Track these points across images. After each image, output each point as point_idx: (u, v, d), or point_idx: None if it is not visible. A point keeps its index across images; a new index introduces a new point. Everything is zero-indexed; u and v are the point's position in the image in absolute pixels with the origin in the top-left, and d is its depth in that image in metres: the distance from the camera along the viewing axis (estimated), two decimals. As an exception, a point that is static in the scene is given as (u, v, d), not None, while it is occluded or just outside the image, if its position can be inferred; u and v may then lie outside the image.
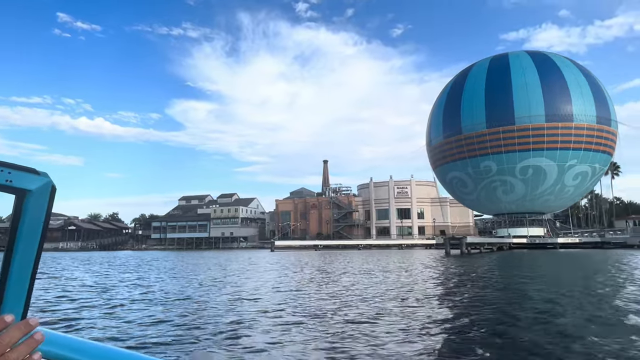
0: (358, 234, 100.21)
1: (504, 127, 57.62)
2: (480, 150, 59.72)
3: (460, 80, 64.52)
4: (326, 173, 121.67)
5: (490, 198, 62.49)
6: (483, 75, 61.05)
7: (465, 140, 60.99)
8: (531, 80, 57.49)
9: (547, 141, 56.20)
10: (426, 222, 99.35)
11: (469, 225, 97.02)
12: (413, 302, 11.10)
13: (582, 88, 57.12)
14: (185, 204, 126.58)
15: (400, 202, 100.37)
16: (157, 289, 14.93)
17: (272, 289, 14.42)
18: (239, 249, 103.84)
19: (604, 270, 21.12)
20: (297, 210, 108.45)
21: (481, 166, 60.36)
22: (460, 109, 61.66)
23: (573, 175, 57.68)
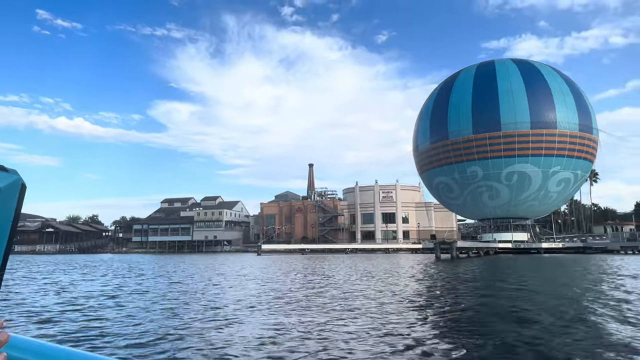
0: (343, 238, 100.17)
1: (490, 133, 58.24)
2: (467, 156, 60.22)
3: (447, 87, 65.05)
4: (311, 177, 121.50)
5: (476, 203, 63.04)
6: (470, 82, 61.71)
7: (452, 146, 61.42)
8: (517, 87, 58.34)
9: (532, 147, 57.02)
10: (411, 227, 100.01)
11: (453, 230, 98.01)
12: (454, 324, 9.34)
13: (566, 96, 58.29)
14: (168, 207, 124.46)
15: (386, 206, 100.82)
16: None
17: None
18: (222, 252, 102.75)
19: (597, 276, 21.32)
20: (282, 213, 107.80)
21: (467, 171, 60.87)
22: (448, 114, 62.11)
23: (557, 181, 58.67)
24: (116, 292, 14.83)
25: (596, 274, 21.70)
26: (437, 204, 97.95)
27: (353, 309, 10.53)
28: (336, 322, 8.87)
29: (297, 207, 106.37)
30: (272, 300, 12.65)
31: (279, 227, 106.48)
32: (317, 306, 11.24)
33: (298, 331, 8.06)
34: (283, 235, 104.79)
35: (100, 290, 15.75)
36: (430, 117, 65.35)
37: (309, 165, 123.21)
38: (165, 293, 14.65)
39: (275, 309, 10.81)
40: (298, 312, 10.29)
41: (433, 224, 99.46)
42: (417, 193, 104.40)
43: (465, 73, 64.70)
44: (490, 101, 58.67)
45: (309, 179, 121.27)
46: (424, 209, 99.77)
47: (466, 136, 59.90)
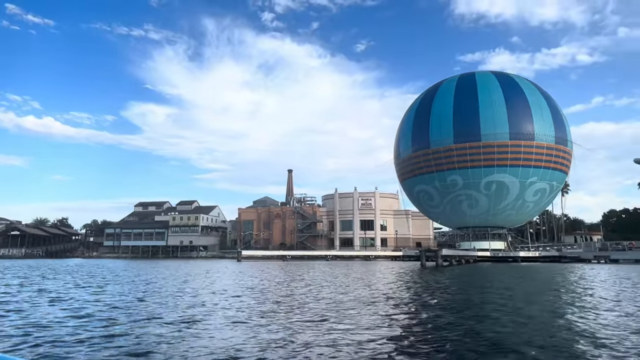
0: (322, 244, 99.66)
1: (471, 143, 59.14)
2: (448, 165, 60.93)
3: (429, 96, 65.86)
4: (290, 183, 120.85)
5: (455, 211, 63.76)
6: (451, 93, 62.64)
7: (433, 155, 62.04)
8: (496, 99, 59.56)
9: (511, 158, 58.19)
10: (389, 234, 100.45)
11: (429, 238, 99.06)
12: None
13: (543, 109, 59.88)
14: (142, 211, 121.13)
15: (364, 213, 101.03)
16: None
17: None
18: (198, 258, 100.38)
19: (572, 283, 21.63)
20: (260, 219, 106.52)
21: (448, 180, 61.56)
22: (429, 124, 62.77)
23: (533, 191, 60.03)
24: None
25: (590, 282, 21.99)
26: (414, 212, 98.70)
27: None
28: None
29: (275, 213, 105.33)
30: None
31: (257, 233, 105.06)
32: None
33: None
34: (261, 241, 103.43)
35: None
36: (412, 126, 65.90)
37: (288, 171, 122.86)
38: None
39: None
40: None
41: (411, 232, 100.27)
42: (395, 201, 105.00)
43: (447, 84, 65.65)
44: (471, 112, 59.64)
45: (288, 185, 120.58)
46: (402, 217, 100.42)
47: (447, 145, 60.63)
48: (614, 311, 11.77)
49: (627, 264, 48.72)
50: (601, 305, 12.95)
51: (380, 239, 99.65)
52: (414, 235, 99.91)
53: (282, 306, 12.69)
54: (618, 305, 13.09)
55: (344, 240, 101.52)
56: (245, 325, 9.43)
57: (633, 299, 14.48)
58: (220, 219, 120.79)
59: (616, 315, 10.96)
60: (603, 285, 19.98)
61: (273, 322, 9.80)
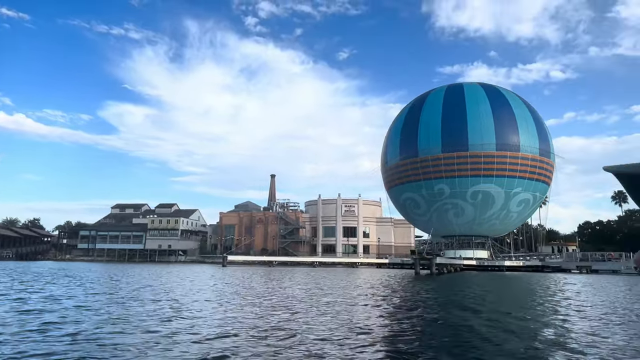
0: (304, 250, 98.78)
1: (459, 152, 59.74)
2: (435, 174, 61.34)
3: (417, 105, 66.38)
4: (273, 188, 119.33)
5: (441, 220, 64.12)
6: (439, 102, 63.29)
7: (421, 163, 62.37)
8: (484, 110, 60.50)
9: (497, 168, 59.07)
10: (371, 241, 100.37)
11: (411, 245, 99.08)
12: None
13: (528, 122, 61.20)
14: (119, 213, 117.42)
15: (347, 220, 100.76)
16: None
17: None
18: (177, 262, 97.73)
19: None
20: (242, 224, 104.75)
21: (435, 189, 61.95)
22: (418, 133, 63.15)
23: (517, 201, 61.04)
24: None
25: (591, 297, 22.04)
26: (397, 220, 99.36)
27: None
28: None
29: (258, 218, 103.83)
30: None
31: (238, 237, 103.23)
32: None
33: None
34: (242, 246, 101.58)
35: None
36: (400, 134, 66.22)
37: (271, 176, 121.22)
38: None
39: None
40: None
41: (393, 240, 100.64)
42: (378, 208, 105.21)
43: (435, 94, 66.33)
44: (459, 122, 60.36)
45: (270, 190, 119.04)
46: (384, 224, 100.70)
47: (435, 154, 61.09)
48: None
49: (606, 274, 50.09)
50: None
51: (362, 246, 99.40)
52: (396, 243, 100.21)
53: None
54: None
55: (326, 246, 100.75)
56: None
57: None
58: (201, 222, 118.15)
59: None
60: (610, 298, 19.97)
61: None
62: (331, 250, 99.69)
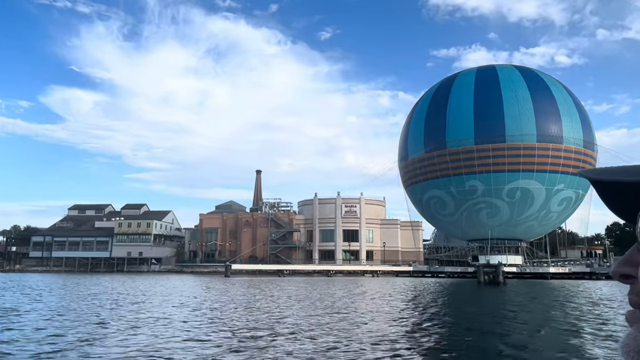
0: (298, 257, 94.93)
1: (494, 144, 57.28)
2: (467, 168, 58.68)
3: (443, 91, 63.51)
4: (259, 185, 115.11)
5: (471, 221, 61.50)
6: (470, 87, 60.57)
7: (450, 157, 59.59)
8: (522, 96, 58.15)
9: (538, 162, 56.85)
10: (375, 246, 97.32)
11: (419, 251, 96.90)
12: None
13: (570, 109, 59.25)
14: (79, 215, 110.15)
15: (348, 222, 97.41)
16: None
17: None
18: (149, 272, 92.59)
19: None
20: (226, 227, 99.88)
21: (466, 185, 59.31)
22: (446, 121, 60.36)
23: (559, 200, 59.01)
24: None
25: None
26: (404, 222, 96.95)
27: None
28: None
29: (245, 220, 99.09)
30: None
31: (221, 243, 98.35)
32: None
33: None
34: (226, 253, 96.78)
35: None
36: (424, 123, 63.31)
37: (256, 172, 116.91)
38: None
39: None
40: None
41: (399, 244, 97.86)
42: (382, 208, 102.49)
43: (463, 77, 63.72)
44: (495, 109, 57.85)
45: (256, 187, 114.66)
46: (390, 227, 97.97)
47: (467, 146, 58.43)
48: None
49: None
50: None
51: (365, 251, 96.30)
52: (402, 248, 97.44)
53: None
54: None
55: (324, 252, 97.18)
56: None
57: None
58: (175, 226, 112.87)
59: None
60: None
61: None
62: (329, 256, 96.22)
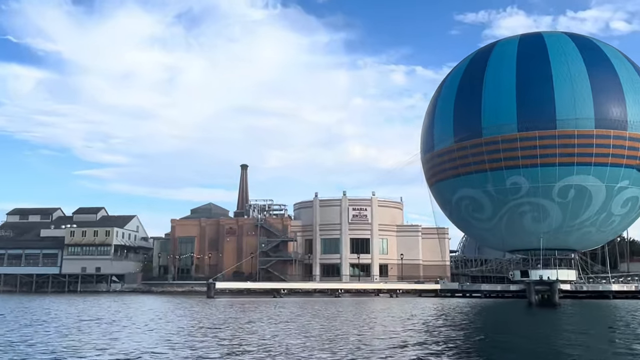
0: (294, 273, 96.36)
1: (542, 131, 57.28)
2: (508, 161, 58.72)
3: (477, 65, 63.70)
4: (244, 184, 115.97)
5: (513, 227, 61.64)
6: (512, 60, 60.62)
7: (486, 147, 59.70)
8: (576, 71, 58.15)
9: (596, 153, 56.92)
10: (390, 259, 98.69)
11: (445, 265, 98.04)
12: None
13: (636, 87, 59.34)
14: (20, 222, 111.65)
15: (357, 229, 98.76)
16: None
17: None
18: (110, 293, 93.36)
19: None
20: (204, 236, 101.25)
21: (507, 182, 59.31)
22: (481, 102, 60.40)
23: (622, 200, 59.12)
24: None
25: None
26: (427, 229, 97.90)
27: None
28: None
29: (228, 227, 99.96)
30: None
31: (199, 256, 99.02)
32: None
33: None
34: (205, 268, 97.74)
35: None
36: (453, 105, 63.59)
37: (241, 168, 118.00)
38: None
39: None
40: None
41: (420, 256, 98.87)
42: (398, 212, 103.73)
43: (502, 47, 64.13)
44: (542, 87, 57.98)
45: (240, 187, 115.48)
46: (412, 235, 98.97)
47: (508, 134, 58.61)
48: None
49: None
50: None
51: (378, 265, 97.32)
52: (425, 261, 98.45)
53: None
54: None
55: (326, 267, 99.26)
56: None
57: None
58: (141, 235, 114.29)
59: None
60: None
61: None
62: (333, 272, 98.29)
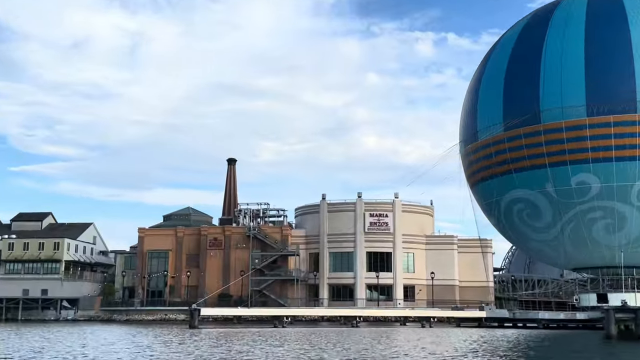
0: (295, 296, 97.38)
1: (619, 115, 57.50)
2: (574, 154, 59.07)
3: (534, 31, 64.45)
4: (232, 183, 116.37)
5: (579, 239, 61.98)
6: (579, 24, 60.95)
7: (545, 136, 60.10)
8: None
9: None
10: (418, 278, 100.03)
11: (488, 286, 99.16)
12: None
13: None
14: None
15: (375, 240, 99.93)
16: None
17: None
18: (59, 322, 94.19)
19: None
20: (181, 249, 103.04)
21: (573, 182, 59.65)
22: (540, 80, 60.99)
23: None
24: None
25: None
26: (464, 240, 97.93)
27: None
28: None
29: (212, 237, 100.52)
30: None
31: (175, 274, 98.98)
32: None
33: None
34: (181, 290, 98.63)
35: None
36: (503, 84, 64.41)
37: (228, 162, 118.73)
38: None
39: None
40: None
41: (456, 275, 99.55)
42: (428, 219, 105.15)
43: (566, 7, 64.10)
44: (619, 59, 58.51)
45: (228, 187, 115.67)
46: (445, 248, 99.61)
47: (574, 119, 58.84)
48: None
49: None
50: None
51: (403, 286, 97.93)
52: (462, 282, 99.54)
53: None
54: None
55: (337, 288, 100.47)
56: None
57: None
58: (99, 248, 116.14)
59: None
60: None
61: None
62: (345, 294, 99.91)
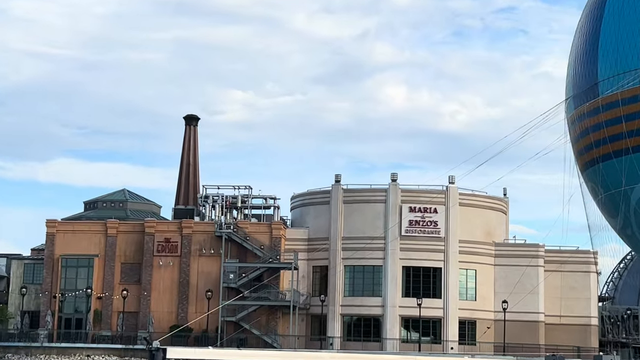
0: (291, 332, 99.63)
1: None
2: None
3: None
4: (193, 155, 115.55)
5: None
6: None
7: None
8: None
9: None
10: (481, 310, 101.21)
11: (589, 324, 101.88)
12: None
13: None
14: None
15: (416, 249, 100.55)
16: None
17: None
18: None
19: None
20: (112, 253, 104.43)
21: None
22: None
23: None
24: None
25: None
26: (552, 251, 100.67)
27: None
28: None
29: (162, 238, 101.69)
30: None
31: (105, 293, 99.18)
32: None
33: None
34: (114, 317, 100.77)
35: None
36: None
37: (186, 123, 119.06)
38: None
39: None
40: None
41: (540, 306, 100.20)
42: (498, 218, 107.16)
43: None
44: None
45: (185, 160, 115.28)
46: (522, 262, 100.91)
47: None
48: None
49: None
50: None
51: (457, 321, 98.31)
52: (550, 316, 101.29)
53: None
54: None
55: (355, 321, 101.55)
56: None
57: None
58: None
59: None
60: None
61: None
62: (369, 331, 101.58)
